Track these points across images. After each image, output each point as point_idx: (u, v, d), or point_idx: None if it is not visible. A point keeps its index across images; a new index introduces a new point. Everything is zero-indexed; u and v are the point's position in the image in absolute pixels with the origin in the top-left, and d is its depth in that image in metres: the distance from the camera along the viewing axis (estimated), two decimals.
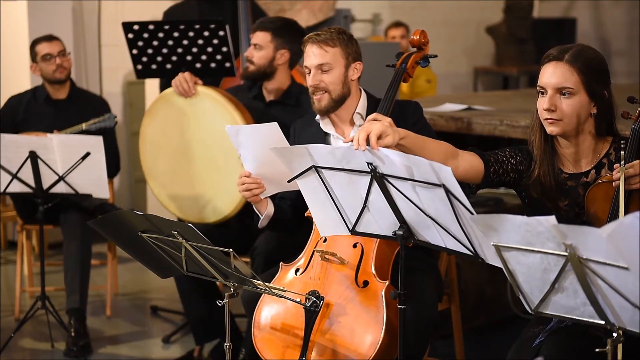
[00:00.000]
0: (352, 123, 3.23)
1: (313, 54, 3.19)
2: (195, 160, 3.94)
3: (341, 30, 3.23)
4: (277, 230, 3.33)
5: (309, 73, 3.20)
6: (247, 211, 3.61)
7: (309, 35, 3.22)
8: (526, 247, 2.08)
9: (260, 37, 3.91)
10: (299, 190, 2.67)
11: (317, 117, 3.27)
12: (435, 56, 3.28)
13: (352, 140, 2.42)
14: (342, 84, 3.19)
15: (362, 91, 3.28)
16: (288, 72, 4.00)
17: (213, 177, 3.88)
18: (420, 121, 3.21)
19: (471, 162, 2.63)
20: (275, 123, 2.95)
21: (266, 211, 3.18)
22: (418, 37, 3.24)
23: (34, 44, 4.69)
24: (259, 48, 3.91)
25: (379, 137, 2.40)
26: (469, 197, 2.32)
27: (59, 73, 4.64)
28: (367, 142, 2.40)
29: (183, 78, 3.94)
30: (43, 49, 4.63)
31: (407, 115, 3.17)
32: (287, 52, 3.93)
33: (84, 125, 4.47)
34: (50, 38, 4.69)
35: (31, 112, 4.68)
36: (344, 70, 3.19)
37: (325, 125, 3.26)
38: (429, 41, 3.26)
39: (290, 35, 3.95)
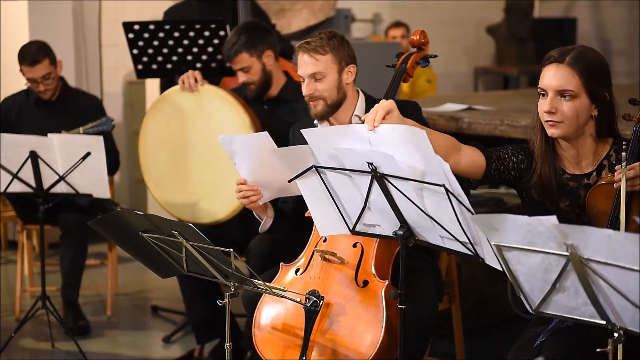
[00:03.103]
0: None
1: (305, 63, 3.15)
2: (197, 159, 3.93)
3: (331, 35, 3.17)
4: (278, 233, 3.32)
5: (303, 81, 3.17)
6: (246, 212, 3.61)
7: (299, 44, 3.18)
8: (527, 247, 2.08)
9: (242, 60, 3.86)
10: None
11: (315, 120, 3.26)
12: (435, 56, 3.28)
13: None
14: (337, 90, 3.16)
15: (360, 92, 3.26)
16: (279, 67, 3.99)
17: (214, 177, 3.87)
18: (420, 121, 3.19)
19: (473, 157, 2.63)
20: (266, 132, 2.94)
21: (266, 216, 3.19)
22: (418, 37, 3.23)
23: (19, 60, 4.55)
24: (247, 69, 3.88)
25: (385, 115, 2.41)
26: (469, 192, 2.32)
27: (42, 94, 4.61)
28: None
29: (191, 73, 3.91)
30: (26, 73, 4.54)
31: (407, 115, 3.15)
32: (269, 51, 3.91)
33: (81, 130, 4.41)
34: (33, 62, 4.49)
35: (24, 114, 4.67)
36: (338, 76, 3.15)
37: None
38: (429, 41, 3.25)
39: (259, 36, 3.91)
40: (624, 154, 2.45)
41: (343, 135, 2.44)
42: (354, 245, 2.92)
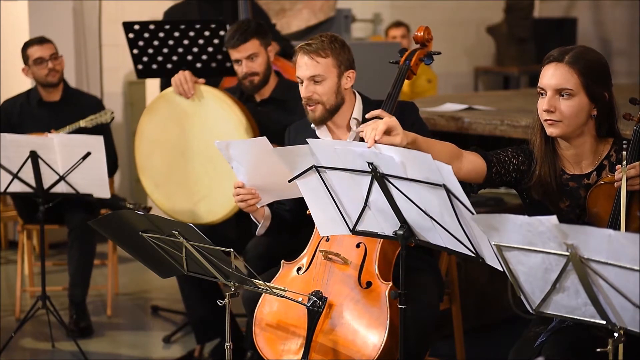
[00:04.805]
0: (349, 129, 3.20)
1: (305, 65, 3.11)
2: (194, 159, 3.93)
3: (333, 38, 3.15)
4: (275, 235, 3.31)
5: (301, 83, 3.15)
6: (241, 212, 3.61)
7: (300, 46, 3.15)
8: (527, 247, 2.08)
9: (251, 46, 3.84)
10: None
11: (313, 124, 3.24)
12: (439, 53, 3.25)
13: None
14: (336, 94, 3.14)
15: (357, 95, 3.25)
16: (272, 68, 4.00)
17: (212, 178, 3.87)
18: (418, 121, 3.20)
19: (474, 162, 2.63)
20: (265, 137, 2.93)
21: (264, 219, 3.19)
22: (422, 33, 3.19)
23: (25, 47, 4.67)
24: (255, 56, 3.85)
25: (388, 133, 2.41)
26: (470, 196, 2.32)
27: (51, 77, 4.63)
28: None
29: (184, 77, 3.91)
30: (35, 52, 4.62)
31: (405, 116, 3.15)
32: (271, 46, 3.93)
33: (81, 123, 4.48)
34: (42, 41, 4.67)
35: (26, 116, 4.68)
36: (337, 80, 3.13)
37: (322, 133, 3.22)
38: (432, 38, 3.23)
39: (266, 28, 3.94)
40: (624, 153, 2.45)
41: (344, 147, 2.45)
42: (357, 246, 2.91)
